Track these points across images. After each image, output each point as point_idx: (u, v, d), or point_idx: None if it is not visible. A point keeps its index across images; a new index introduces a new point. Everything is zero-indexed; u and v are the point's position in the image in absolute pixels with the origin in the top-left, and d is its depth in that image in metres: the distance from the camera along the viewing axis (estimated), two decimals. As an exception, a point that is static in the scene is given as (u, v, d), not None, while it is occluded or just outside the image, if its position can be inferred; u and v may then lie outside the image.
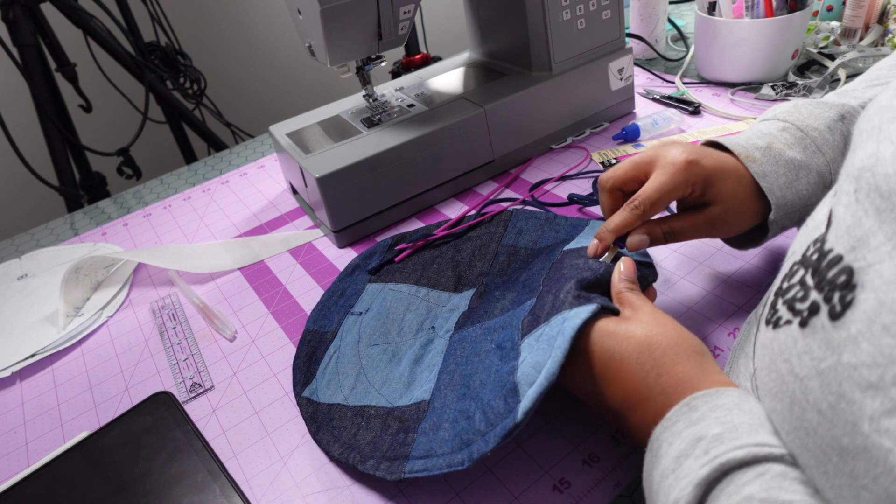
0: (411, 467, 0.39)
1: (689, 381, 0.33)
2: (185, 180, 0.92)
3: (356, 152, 0.67)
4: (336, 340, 0.53)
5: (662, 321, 0.36)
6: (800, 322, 0.27)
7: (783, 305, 0.29)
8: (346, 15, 0.63)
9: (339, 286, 0.60)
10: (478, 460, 0.36)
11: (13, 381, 0.58)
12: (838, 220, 0.26)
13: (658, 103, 0.85)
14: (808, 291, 0.27)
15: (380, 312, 0.55)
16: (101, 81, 1.35)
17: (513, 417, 0.36)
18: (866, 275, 0.23)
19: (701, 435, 0.30)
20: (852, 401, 0.22)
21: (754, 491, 0.26)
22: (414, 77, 0.85)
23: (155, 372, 0.56)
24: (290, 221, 0.76)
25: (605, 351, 0.36)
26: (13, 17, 1.13)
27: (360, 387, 0.48)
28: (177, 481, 0.44)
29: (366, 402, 0.46)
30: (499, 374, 0.40)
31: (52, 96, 1.23)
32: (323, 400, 0.48)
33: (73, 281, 0.66)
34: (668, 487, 0.29)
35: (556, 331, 0.37)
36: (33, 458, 0.50)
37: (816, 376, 0.25)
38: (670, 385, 0.33)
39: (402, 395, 0.46)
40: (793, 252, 0.32)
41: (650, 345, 0.35)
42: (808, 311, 0.26)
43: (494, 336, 0.45)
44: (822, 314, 0.25)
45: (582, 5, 0.74)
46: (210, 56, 1.93)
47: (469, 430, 0.38)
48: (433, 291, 0.57)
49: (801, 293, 0.27)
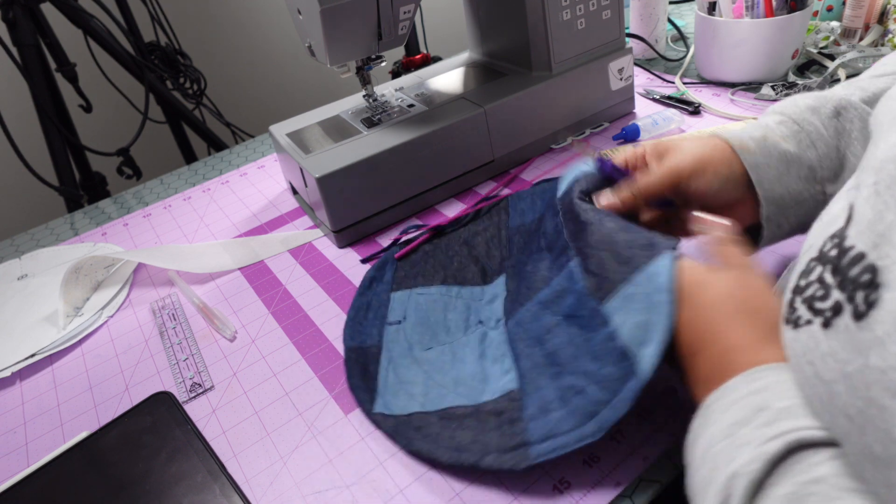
0: (538, 451, 0.39)
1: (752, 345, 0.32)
2: (185, 180, 0.92)
3: (356, 152, 0.67)
4: (385, 352, 0.52)
5: (752, 279, 0.35)
6: (822, 323, 0.26)
7: (802, 304, 0.28)
8: (346, 15, 0.63)
9: (363, 300, 0.59)
10: (608, 429, 0.37)
11: (13, 381, 0.58)
12: (859, 214, 0.25)
13: (658, 103, 0.85)
14: (829, 290, 0.26)
15: (420, 318, 0.55)
16: (101, 81, 1.35)
17: (638, 379, 0.36)
18: (890, 273, 0.22)
19: (764, 405, 0.28)
20: (883, 406, 0.21)
21: (827, 473, 0.24)
22: (414, 77, 0.85)
23: (155, 372, 0.56)
24: (290, 221, 0.76)
25: (690, 297, 0.35)
26: (13, 17, 1.13)
27: (434, 391, 0.47)
28: (177, 481, 0.44)
29: (446, 405, 0.46)
30: (591, 343, 0.40)
31: (52, 96, 1.23)
32: (398, 412, 0.47)
33: (73, 281, 0.66)
34: (721, 455, 0.28)
35: (651, 288, 0.37)
36: (33, 458, 0.50)
37: (842, 380, 0.23)
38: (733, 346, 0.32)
39: (483, 391, 0.46)
40: (808, 247, 0.31)
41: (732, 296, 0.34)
42: (832, 312, 0.25)
43: (554, 308, 0.44)
44: (845, 315, 0.24)
45: (582, 5, 0.74)
46: (210, 56, 1.93)
47: (588, 403, 0.38)
48: (464, 288, 0.56)
49: (822, 292, 0.26)
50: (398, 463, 0.44)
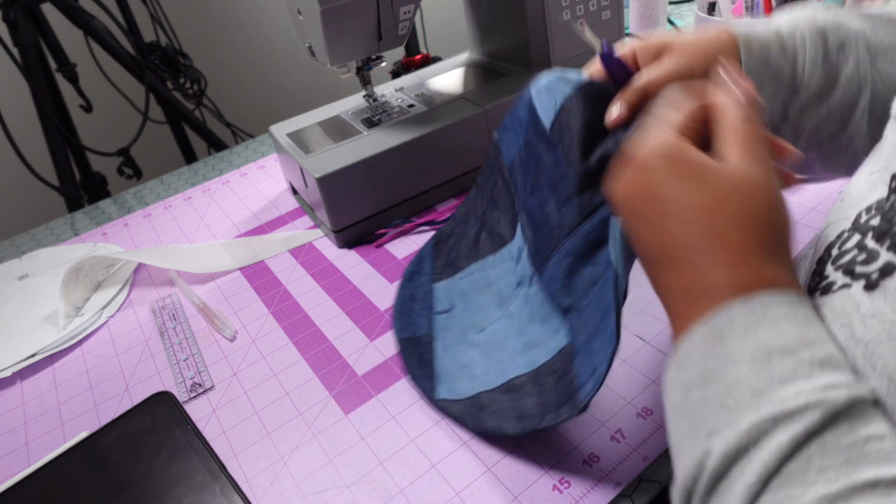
0: (584, 393, 0.39)
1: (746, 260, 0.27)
2: (185, 180, 0.92)
3: (356, 152, 0.67)
4: (438, 340, 0.52)
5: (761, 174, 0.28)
6: (865, 285, 0.25)
7: (836, 271, 0.27)
8: (346, 15, 0.63)
9: (406, 292, 0.58)
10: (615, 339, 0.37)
11: (13, 381, 0.58)
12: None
13: (658, 103, 0.85)
14: (872, 254, 0.25)
15: (466, 303, 0.54)
16: (101, 81, 1.35)
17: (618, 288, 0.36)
18: None
19: (812, 340, 0.24)
20: None
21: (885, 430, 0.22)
22: (414, 77, 0.85)
23: (155, 372, 0.56)
24: (290, 221, 0.76)
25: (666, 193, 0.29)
26: (13, 17, 1.13)
27: (493, 368, 0.47)
28: (177, 481, 0.44)
29: (507, 378, 0.46)
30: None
31: (52, 96, 1.23)
32: (464, 395, 0.47)
33: (74, 281, 0.66)
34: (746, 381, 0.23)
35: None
36: (33, 458, 0.50)
37: (888, 341, 0.23)
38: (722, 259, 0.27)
39: (538, 354, 0.46)
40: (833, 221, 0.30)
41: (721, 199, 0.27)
42: (879, 273, 0.24)
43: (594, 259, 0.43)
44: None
45: (582, 5, 0.74)
46: (210, 56, 1.93)
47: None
48: (496, 255, 0.55)
49: (864, 256, 0.26)
50: (398, 463, 0.44)
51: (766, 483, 0.22)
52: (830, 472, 0.21)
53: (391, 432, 0.47)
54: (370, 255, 0.67)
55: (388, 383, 0.51)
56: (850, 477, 0.21)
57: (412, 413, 0.48)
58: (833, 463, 0.21)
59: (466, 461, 0.44)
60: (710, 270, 0.27)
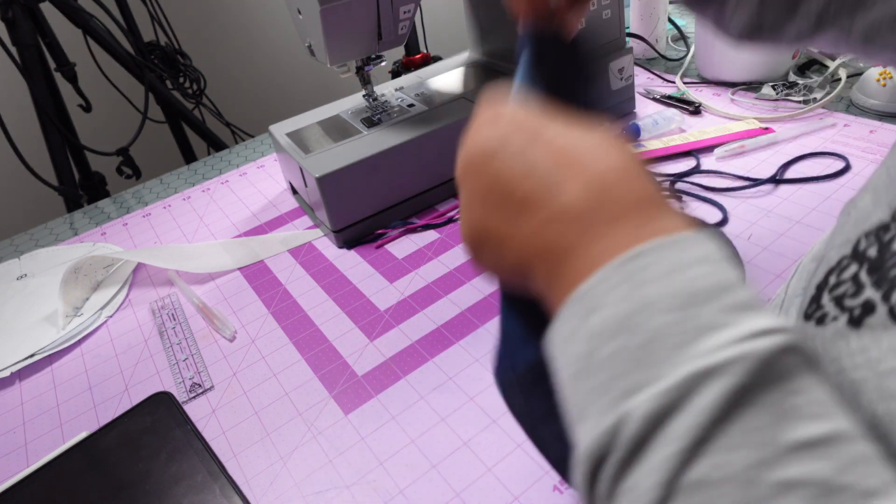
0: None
1: (640, 176, 0.25)
2: (184, 180, 0.91)
3: (356, 152, 0.67)
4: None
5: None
6: (849, 319, 0.24)
7: (831, 301, 0.26)
8: (345, 14, 0.63)
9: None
10: None
11: (13, 382, 0.58)
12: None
13: (658, 103, 0.85)
14: (860, 288, 0.25)
15: None
16: (100, 81, 1.35)
17: None
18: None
19: (728, 284, 0.22)
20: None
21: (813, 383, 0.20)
22: (414, 77, 0.85)
23: (155, 372, 0.56)
24: (290, 221, 0.76)
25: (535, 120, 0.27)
26: (12, 17, 1.13)
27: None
28: (177, 481, 0.44)
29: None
30: None
31: (51, 96, 1.22)
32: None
33: (73, 281, 0.66)
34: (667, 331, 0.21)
35: None
36: (33, 458, 0.50)
37: (874, 378, 0.22)
38: (616, 168, 0.25)
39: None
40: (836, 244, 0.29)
41: (598, 130, 0.26)
42: (861, 309, 0.24)
43: None
44: (879, 313, 0.22)
45: (582, 5, 0.74)
46: (210, 56, 1.93)
47: None
48: None
49: (853, 289, 0.25)
50: (398, 463, 0.44)
51: (693, 450, 0.19)
52: (760, 433, 0.19)
53: (391, 432, 0.47)
54: (370, 255, 0.67)
55: (388, 383, 0.51)
56: (781, 438, 0.19)
57: (412, 413, 0.48)
58: (762, 423, 0.19)
59: (466, 461, 0.43)
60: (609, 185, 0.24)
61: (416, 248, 0.66)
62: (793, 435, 0.19)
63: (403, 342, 0.55)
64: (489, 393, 0.49)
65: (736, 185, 0.66)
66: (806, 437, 0.19)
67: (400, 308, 0.59)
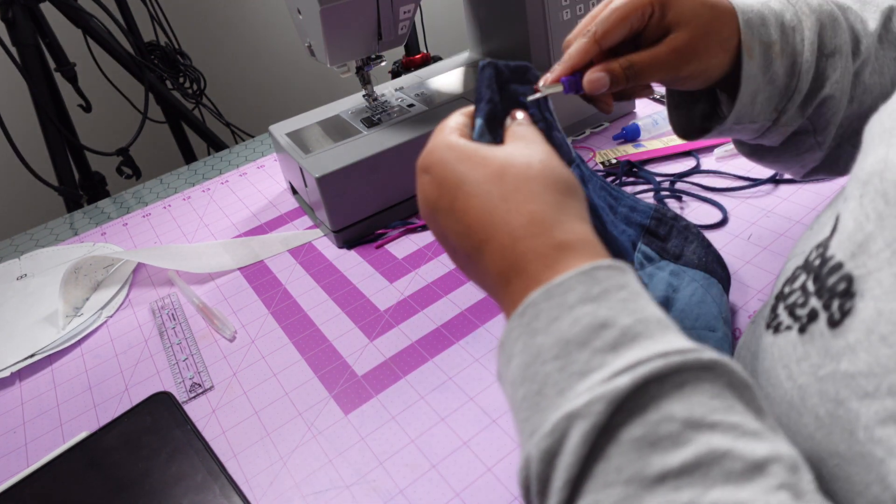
0: None
1: (542, 222, 0.27)
2: (184, 180, 0.91)
3: (356, 152, 0.67)
4: None
5: (532, 151, 0.30)
6: (799, 328, 0.26)
7: (784, 311, 0.29)
8: (345, 15, 0.63)
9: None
10: None
11: (12, 382, 0.58)
12: (842, 225, 0.26)
13: (658, 103, 0.85)
14: (808, 297, 0.27)
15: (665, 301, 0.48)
16: (100, 81, 1.35)
17: None
18: (866, 283, 0.23)
19: (606, 321, 0.23)
20: (849, 409, 0.22)
21: (677, 410, 0.21)
22: (414, 77, 0.85)
23: (155, 372, 0.56)
24: (290, 221, 0.76)
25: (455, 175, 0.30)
26: (13, 17, 1.13)
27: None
28: (177, 481, 0.44)
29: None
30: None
31: (51, 96, 1.22)
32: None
33: (73, 281, 0.66)
34: (550, 380, 0.23)
35: None
36: (33, 458, 0.50)
37: (815, 383, 0.24)
38: (520, 225, 0.27)
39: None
40: (794, 255, 0.32)
41: (503, 173, 0.29)
42: (807, 318, 0.26)
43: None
44: (821, 321, 0.25)
45: (582, 5, 0.74)
46: (210, 56, 1.93)
47: None
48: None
49: (802, 299, 0.27)
50: (398, 463, 0.44)
51: (575, 487, 0.21)
52: (627, 468, 0.20)
53: (391, 432, 0.47)
54: (370, 255, 0.67)
55: (388, 383, 0.51)
56: (646, 471, 0.20)
57: (412, 413, 0.48)
58: (627, 459, 0.20)
59: (466, 461, 0.43)
60: (514, 243, 0.27)
61: (416, 248, 0.67)
62: (656, 467, 0.20)
63: (403, 342, 0.55)
64: (489, 393, 0.49)
65: (736, 185, 0.66)
66: (668, 468, 0.20)
67: (400, 308, 0.59)
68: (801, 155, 0.44)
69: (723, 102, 0.44)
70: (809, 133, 0.42)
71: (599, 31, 0.38)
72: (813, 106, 0.40)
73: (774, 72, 0.39)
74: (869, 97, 0.42)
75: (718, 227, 0.61)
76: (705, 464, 0.20)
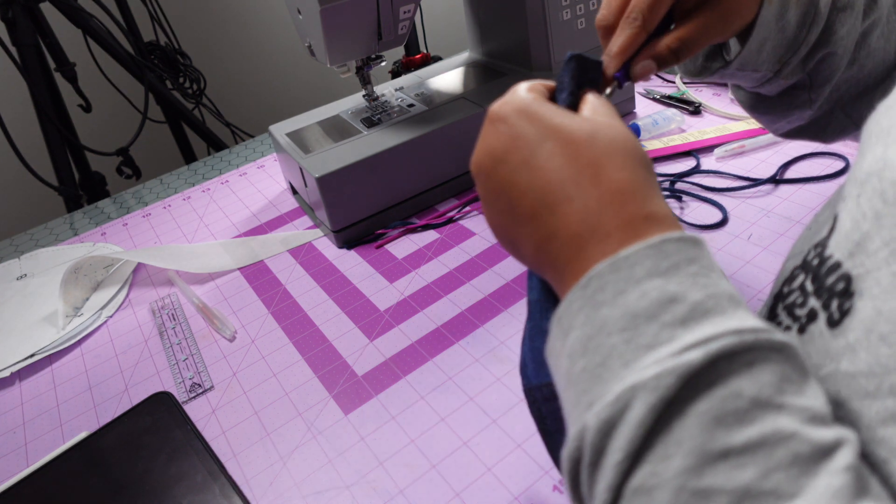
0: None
1: (633, 192, 0.26)
2: (184, 180, 0.91)
3: (356, 152, 0.67)
4: None
5: (617, 123, 0.29)
6: (798, 328, 0.26)
7: (783, 311, 0.29)
8: (345, 14, 0.63)
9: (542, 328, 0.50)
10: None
11: (12, 382, 0.58)
12: (841, 224, 0.26)
13: (658, 103, 0.85)
14: (807, 297, 0.26)
15: None
16: (100, 81, 1.35)
17: None
18: (864, 282, 0.23)
19: (676, 296, 0.23)
20: (851, 409, 0.22)
21: (746, 386, 0.21)
22: (414, 77, 0.85)
23: (154, 372, 0.56)
24: (290, 221, 0.76)
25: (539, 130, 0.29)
26: (12, 17, 1.13)
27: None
28: (177, 481, 0.44)
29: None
30: None
31: (51, 96, 1.22)
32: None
33: (73, 281, 0.66)
34: (615, 352, 0.23)
35: None
36: (33, 458, 0.50)
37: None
38: (609, 191, 0.26)
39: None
40: (792, 255, 0.32)
41: (593, 139, 0.28)
42: (807, 318, 0.26)
43: None
44: (820, 321, 0.25)
45: (582, 5, 0.74)
46: (210, 56, 1.93)
47: None
48: None
49: (801, 299, 0.27)
50: (398, 463, 0.44)
51: (634, 458, 0.21)
52: (690, 442, 0.20)
53: (391, 432, 0.47)
54: (370, 255, 0.67)
55: (388, 383, 0.51)
56: (709, 446, 0.20)
57: (412, 413, 0.48)
58: (690, 433, 0.20)
59: (466, 461, 0.43)
60: (601, 208, 0.26)
61: (416, 248, 0.67)
62: (720, 442, 0.20)
63: (403, 342, 0.55)
64: (489, 393, 0.49)
65: (736, 185, 0.66)
66: (732, 445, 0.20)
67: (400, 308, 0.59)
68: (791, 110, 0.43)
69: (729, 45, 0.43)
70: (805, 88, 0.42)
71: (647, 17, 0.36)
72: (814, 61, 0.40)
73: (787, 20, 0.38)
74: (871, 62, 0.41)
75: (718, 227, 0.61)
76: (770, 443, 0.20)
